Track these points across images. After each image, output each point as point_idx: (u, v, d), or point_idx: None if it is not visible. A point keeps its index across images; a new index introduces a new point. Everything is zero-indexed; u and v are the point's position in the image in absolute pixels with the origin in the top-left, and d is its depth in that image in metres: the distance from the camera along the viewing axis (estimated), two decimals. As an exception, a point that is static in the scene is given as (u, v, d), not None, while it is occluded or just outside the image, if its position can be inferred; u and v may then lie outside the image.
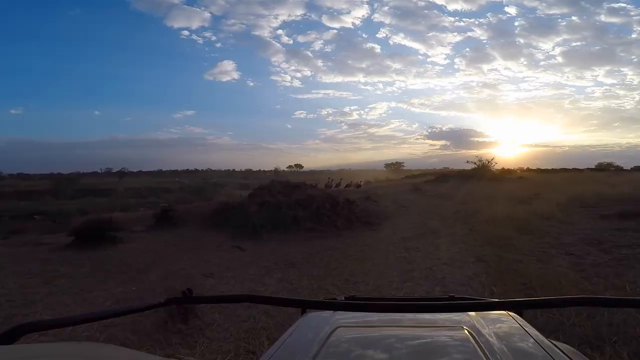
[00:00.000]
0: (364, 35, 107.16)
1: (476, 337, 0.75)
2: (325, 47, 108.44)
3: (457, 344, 0.73)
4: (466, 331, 0.78)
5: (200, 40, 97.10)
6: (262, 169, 77.03)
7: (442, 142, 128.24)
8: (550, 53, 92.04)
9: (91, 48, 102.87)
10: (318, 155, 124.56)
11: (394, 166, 53.97)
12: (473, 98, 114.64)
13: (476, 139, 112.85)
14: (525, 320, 0.90)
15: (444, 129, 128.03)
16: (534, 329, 0.82)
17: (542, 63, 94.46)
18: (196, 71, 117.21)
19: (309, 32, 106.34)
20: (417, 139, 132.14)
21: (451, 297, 1.08)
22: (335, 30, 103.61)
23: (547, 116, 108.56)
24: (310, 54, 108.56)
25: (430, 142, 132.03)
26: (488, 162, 24.21)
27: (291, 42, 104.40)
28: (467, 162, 25.20)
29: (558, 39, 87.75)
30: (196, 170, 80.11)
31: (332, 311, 0.96)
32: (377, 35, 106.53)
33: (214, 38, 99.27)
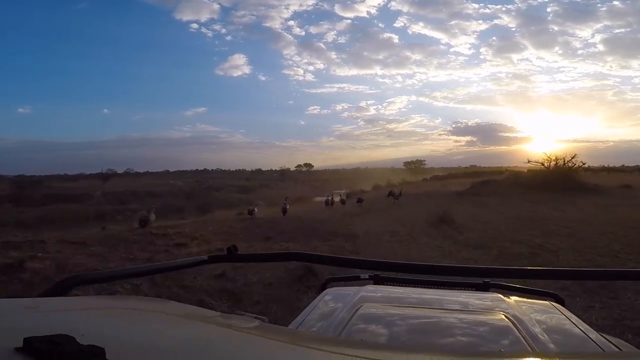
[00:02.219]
0: (380, 24, 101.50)
1: (517, 324, 0.69)
2: (339, 38, 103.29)
3: (497, 330, 0.69)
4: (504, 317, 0.73)
5: (210, 34, 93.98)
6: (272, 168, 72.55)
7: (468, 138, 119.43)
8: (589, 41, 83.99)
9: (98, 44, 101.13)
10: (332, 153, 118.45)
11: (414, 164, 48.00)
12: (502, 90, 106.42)
13: (506, 134, 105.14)
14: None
15: (469, 123, 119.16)
16: (578, 319, 0.78)
17: (580, 52, 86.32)
18: (207, 66, 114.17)
19: (321, 22, 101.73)
20: (440, 134, 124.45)
21: (487, 283, 1.03)
22: (349, 20, 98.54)
23: (588, 109, 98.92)
24: (323, 46, 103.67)
25: (455, 138, 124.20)
26: (569, 162, 14.84)
27: (303, 33, 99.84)
28: (529, 161, 16.26)
29: (598, 26, 79.62)
30: (205, 170, 76.38)
31: (355, 287, 0.94)
32: (394, 25, 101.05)
33: (223, 31, 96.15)
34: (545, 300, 0.93)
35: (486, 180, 14.37)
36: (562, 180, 13.03)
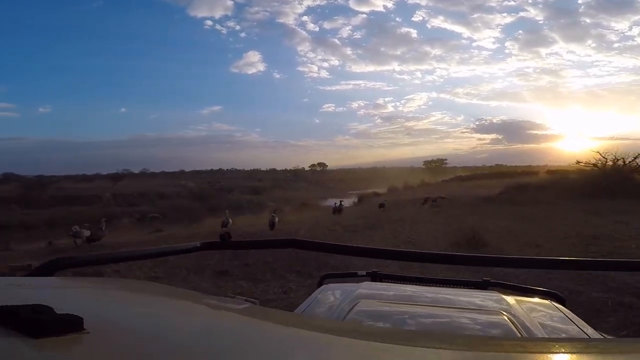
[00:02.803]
0: (397, 19, 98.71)
1: (516, 323, 0.68)
2: (354, 33, 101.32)
3: (496, 329, 0.68)
4: (504, 315, 0.72)
5: (224, 31, 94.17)
6: (287, 168, 71.56)
7: (493, 136, 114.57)
8: (626, 34, 78.09)
9: (115, 42, 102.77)
10: (349, 152, 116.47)
11: (435, 164, 45.26)
12: (529, 86, 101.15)
13: (534, 131, 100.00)
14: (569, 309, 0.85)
15: (494, 121, 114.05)
16: (578, 318, 0.78)
17: (616, 45, 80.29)
18: (222, 64, 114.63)
19: (335, 17, 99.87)
20: (462, 132, 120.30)
21: (486, 282, 1.03)
22: (364, 15, 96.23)
23: (626, 105, 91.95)
24: (338, 42, 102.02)
25: (479, 135, 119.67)
26: (633, 162, 12.39)
27: (317, 29, 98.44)
28: (578, 162, 14.09)
29: (637, 18, 73.97)
30: (221, 170, 76.41)
31: (351, 284, 0.94)
32: (412, 19, 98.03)
33: (238, 27, 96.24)
34: (546, 299, 0.92)
35: (521, 183, 12.19)
36: (621, 184, 10.57)
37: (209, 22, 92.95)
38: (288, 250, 4.02)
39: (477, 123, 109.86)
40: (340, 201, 12.21)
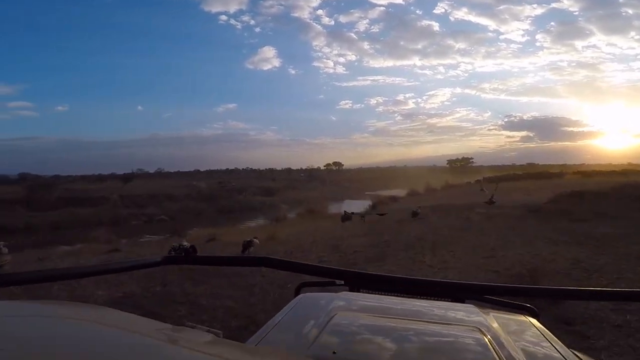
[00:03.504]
0: (417, 11, 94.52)
1: (490, 337, 0.71)
2: (372, 27, 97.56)
3: (471, 345, 0.70)
4: (477, 330, 0.75)
5: (239, 25, 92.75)
6: (302, 167, 69.84)
7: (523, 133, 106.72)
8: (675, 25, 71.34)
9: (130, 39, 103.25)
10: (366, 151, 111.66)
11: (459, 162, 42.09)
12: (564, 80, 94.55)
13: (570, 128, 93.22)
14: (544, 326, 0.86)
15: (525, 117, 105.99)
16: (550, 333, 0.80)
17: (663, 38, 73.56)
18: (237, 59, 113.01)
19: (352, 10, 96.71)
20: (489, 129, 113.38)
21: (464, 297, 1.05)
22: (382, 8, 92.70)
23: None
24: (355, 36, 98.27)
25: (507, 133, 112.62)
26: None
27: (332, 22, 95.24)
28: None
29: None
30: (236, 169, 75.96)
31: (330, 293, 0.94)
32: (434, 11, 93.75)
33: (252, 22, 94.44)
34: (521, 313, 0.94)
35: (576, 191, 9.79)
36: None
37: (224, 17, 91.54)
38: None
39: (506, 120, 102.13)
40: (352, 212, 10.38)
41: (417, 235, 6.96)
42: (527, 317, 0.89)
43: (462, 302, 0.97)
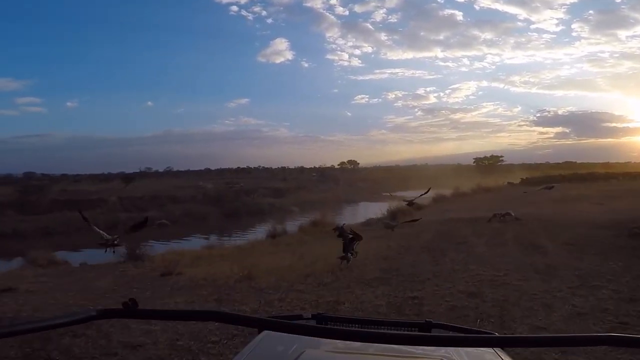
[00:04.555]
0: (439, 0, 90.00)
1: None
2: (389, 16, 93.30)
3: None
4: None
5: (250, 17, 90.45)
6: (316, 165, 67.05)
7: (559, 130, 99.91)
8: None
9: (140, 32, 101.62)
10: (384, 148, 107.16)
11: (488, 161, 38.37)
12: (605, 73, 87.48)
13: (612, 124, 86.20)
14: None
15: (559, 112, 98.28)
16: None
17: None
18: (248, 52, 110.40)
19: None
20: (520, 125, 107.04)
21: (428, 323, 1.05)
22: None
23: None
24: (371, 26, 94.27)
25: (540, 129, 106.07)
26: None
27: (347, 12, 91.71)
28: None
29: None
30: (248, 168, 74.07)
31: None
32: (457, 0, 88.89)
33: (264, 13, 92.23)
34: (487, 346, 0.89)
35: None
36: None
37: (234, 8, 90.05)
38: None
39: (538, 115, 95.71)
40: (343, 224, 7.61)
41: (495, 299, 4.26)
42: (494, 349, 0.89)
43: (429, 330, 1.00)
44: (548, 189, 13.40)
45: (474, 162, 40.75)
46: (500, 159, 38.35)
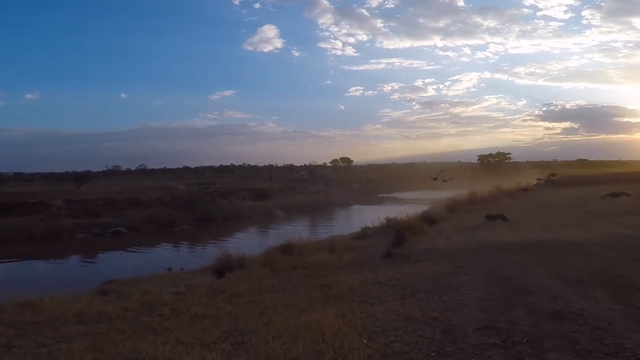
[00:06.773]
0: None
1: None
2: (386, 2, 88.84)
3: None
4: None
5: (237, 1, 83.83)
6: (307, 163, 62.63)
7: (566, 125, 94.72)
8: None
9: (114, 14, 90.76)
10: (380, 144, 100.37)
11: (494, 158, 34.92)
12: (618, 64, 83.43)
13: (626, 119, 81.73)
14: None
15: (567, 106, 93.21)
16: None
17: None
18: (234, 40, 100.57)
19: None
20: (524, 120, 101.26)
21: None
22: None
23: None
24: (366, 12, 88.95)
25: (547, 124, 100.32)
26: None
27: None
28: None
29: None
30: (232, 166, 68.85)
31: None
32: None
33: None
34: None
35: None
36: None
37: None
38: None
39: (545, 109, 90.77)
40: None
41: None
42: None
43: None
44: (613, 197, 9.90)
45: (478, 160, 37.53)
46: (509, 156, 35.15)
